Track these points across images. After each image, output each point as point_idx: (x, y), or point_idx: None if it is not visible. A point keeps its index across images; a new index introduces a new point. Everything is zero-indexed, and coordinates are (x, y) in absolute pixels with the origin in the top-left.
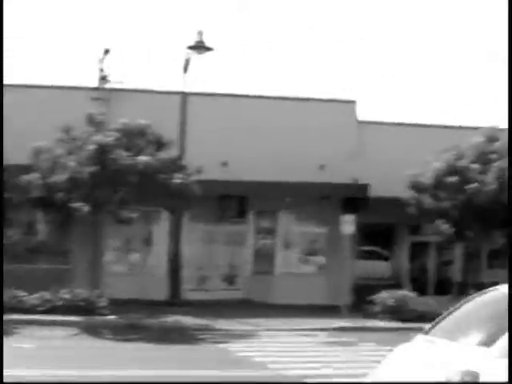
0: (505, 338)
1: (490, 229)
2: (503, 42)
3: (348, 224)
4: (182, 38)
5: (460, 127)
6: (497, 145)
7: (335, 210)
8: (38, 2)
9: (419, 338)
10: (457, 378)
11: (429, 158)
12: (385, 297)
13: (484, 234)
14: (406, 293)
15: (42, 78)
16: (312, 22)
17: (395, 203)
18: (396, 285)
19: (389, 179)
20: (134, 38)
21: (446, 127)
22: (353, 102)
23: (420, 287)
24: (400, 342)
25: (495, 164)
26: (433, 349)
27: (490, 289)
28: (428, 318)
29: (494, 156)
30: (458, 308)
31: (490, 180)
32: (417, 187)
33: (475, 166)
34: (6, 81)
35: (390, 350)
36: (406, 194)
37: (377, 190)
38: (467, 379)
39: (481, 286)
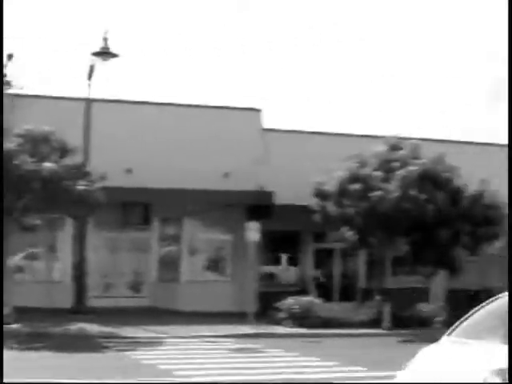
0: None
1: (393, 236)
2: (426, 50)
3: (253, 231)
4: (89, 44)
5: (364, 136)
6: (400, 153)
7: (240, 217)
8: None
9: (444, 339)
10: (497, 378)
11: (333, 165)
12: (290, 303)
13: (387, 241)
14: (312, 299)
15: None
16: (223, 28)
17: (300, 210)
18: (302, 291)
19: (294, 187)
20: (38, 44)
21: (350, 136)
22: (258, 110)
23: (325, 293)
24: (306, 348)
25: (398, 172)
26: (461, 348)
27: (501, 295)
28: (333, 324)
29: (396, 164)
30: (477, 311)
31: (393, 188)
32: (321, 195)
33: (378, 173)
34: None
35: (296, 356)
36: (311, 201)
37: (282, 197)
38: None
39: (385, 292)
